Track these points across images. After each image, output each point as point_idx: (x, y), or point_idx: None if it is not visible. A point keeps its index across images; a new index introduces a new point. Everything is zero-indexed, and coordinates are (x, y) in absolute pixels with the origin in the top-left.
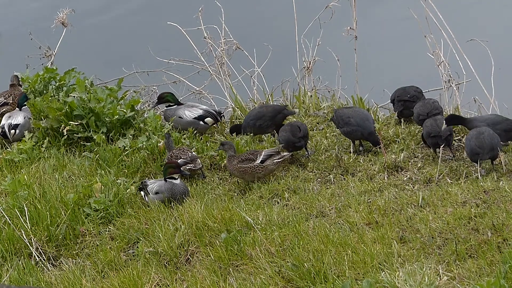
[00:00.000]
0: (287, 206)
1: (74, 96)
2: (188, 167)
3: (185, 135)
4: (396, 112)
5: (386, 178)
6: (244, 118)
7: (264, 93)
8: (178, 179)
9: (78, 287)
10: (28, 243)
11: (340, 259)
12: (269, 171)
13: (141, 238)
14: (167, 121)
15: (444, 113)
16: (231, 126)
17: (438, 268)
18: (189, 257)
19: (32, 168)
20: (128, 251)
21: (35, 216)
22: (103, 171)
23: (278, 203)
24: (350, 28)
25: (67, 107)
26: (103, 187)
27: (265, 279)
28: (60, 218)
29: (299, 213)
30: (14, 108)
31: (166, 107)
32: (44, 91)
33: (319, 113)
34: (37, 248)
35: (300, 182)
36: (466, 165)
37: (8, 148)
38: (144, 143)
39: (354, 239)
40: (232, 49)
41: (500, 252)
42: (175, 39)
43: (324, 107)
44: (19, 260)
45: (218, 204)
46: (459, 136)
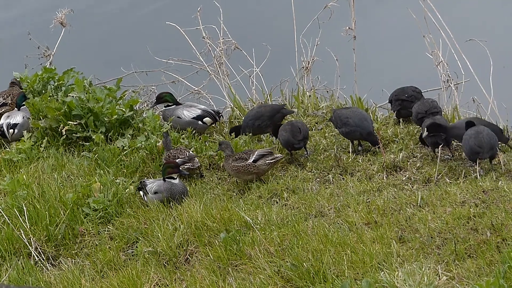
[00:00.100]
0: (286, 206)
1: (73, 96)
2: (186, 166)
3: (183, 135)
4: (394, 112)
5: (385, 178)
6: (243, 119)
7: (263, 93)
8: (177, 179)
9: (77, 287)
10: (27, 243)
11: (339, 259)
12: (261, 171)
13: (140, 238)
14: (166, 121)
15: (442, 113)
16: (231, 128)
17: (437, 268)
18: (188, 257)
19: (31, 167)
20: (127, 251)
21: (34, 216)
22: (102, 171)
23: (277, 203)
24: (349, 28)
25: (65, 107)
26: (102, 187)
27: (264, 279)
28: (59, 218)
29: (298, 213)
30: (13, 108)
31: (164, 107)
32: (43, 91)
33: (317, 113)
34: (36, 248)
35: (299, 182)
36: (465, 165)
37: (7, 147)
38: (143, 143)
39: (353, 239)
40: (230, 49)
41: (499, 252)
42: (173, 39)
43: (322, 107)
44: (18, 260)
45: (217, 204)
46: None
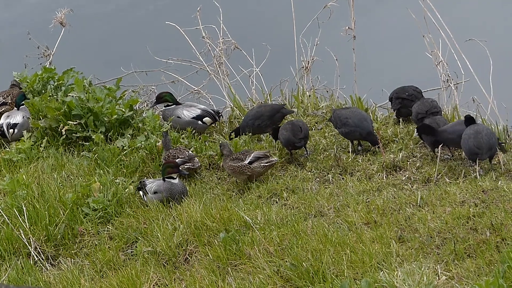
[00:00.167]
0: (285, 205)
1: (73, 96)
2: (186, 166)
3: (183, 135)
4: (394, 111)
5: (385, 178)
6: (243, 118)
7: (263, 92)
8: (176, 178)
9: (77, 286)
10: (26, 243)
11: (338, 259)
12: (255, 173)
13: (139, 238)
14: (166, 120)
15: (442, 113)
16: (232, 130)
17: (436, 267)
18: (187, 256)
19: (30, 167)
20: (127, 250)
21: (33, 215)
22: (101, 171)
23: (277, 202)
24: (349, 28)
25: (65, 106)
26: (101, 187)
27: (263, 279)
28: (59, 218)
29: (297, 212)
30: (13, 107)
31: (164, 107)
32: (43, 91)
33: (317, 112)
34: (35, 248)
35: (299, 182)
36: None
37: (6, 147)
38: (142, 142)
39: (352, 239)
40: (230, 48)
41: (498, 251)
42: (173, 39)
43: (322, 106)
44: (18, 260)
45: (216, 203)
46: None
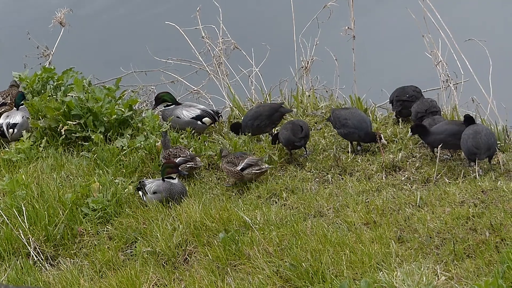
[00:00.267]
0: (285, 206)
1: (72, 96)
2: (188, 165)
3: (183, 135)
4: (394, 112)
5: (384, 178)
6: (242, 119)
7: (262, 92)
8: (176, 178)
9: (76, 286)
10: (26, 243)
11: (338, 259)
12: (248, 179)
13: (139, 238)
14: (165, 120)
15: (442, 112)
16: (231, 124)
17: (436, 268)
18: (187, 257)
19: (30, 167)
20: (126, 250)
21: (33, 215)
22: (101, 171)
23: (276, 202)
24: (348, 27)
25: (65, 106)
26: (101, 187)
27: (263, 279)
28: (58, 218)
29: (297, 213)
30: (12, 107)
31: (164, 107)
32: (42, 91)
33: (317, 112)
34: (35, 248)
35: (298, 182)
36: (464, 165)
37: (6, 147)
38: (142, 142)
39: (352, 239)
40: (230, 48)
41: (498, 252)
42: (173, 38)
43: (322, 106)
44: (17, 260)
45: (216, 204)
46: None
